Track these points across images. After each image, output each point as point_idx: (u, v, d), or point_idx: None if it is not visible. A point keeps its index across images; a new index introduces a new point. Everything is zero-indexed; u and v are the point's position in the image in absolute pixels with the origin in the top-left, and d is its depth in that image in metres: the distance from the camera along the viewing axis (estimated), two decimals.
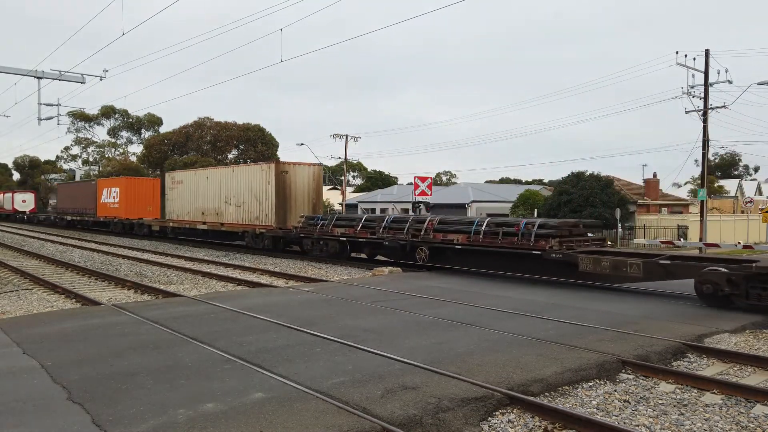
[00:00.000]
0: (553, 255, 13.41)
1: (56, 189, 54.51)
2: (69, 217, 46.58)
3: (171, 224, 30.97)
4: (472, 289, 12.61)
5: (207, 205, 27.70)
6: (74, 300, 12.58)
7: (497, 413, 5.29)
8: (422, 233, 16.71)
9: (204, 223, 27.76)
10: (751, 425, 5.18)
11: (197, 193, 28.64)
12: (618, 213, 30.87)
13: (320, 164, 24.99)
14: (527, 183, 73.00)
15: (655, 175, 43.15)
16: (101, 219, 39.78)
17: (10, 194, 67.06)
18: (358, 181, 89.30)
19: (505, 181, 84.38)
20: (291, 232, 22.30)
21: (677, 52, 28.04)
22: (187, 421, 4.72)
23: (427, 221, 16.91)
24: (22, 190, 74.14)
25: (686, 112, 29.26)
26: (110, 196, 38.43)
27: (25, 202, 64.66)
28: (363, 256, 20.77)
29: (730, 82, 28.74)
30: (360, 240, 19.06)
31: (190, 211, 29.38)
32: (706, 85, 28.79)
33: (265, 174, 23.82)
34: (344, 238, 19.50)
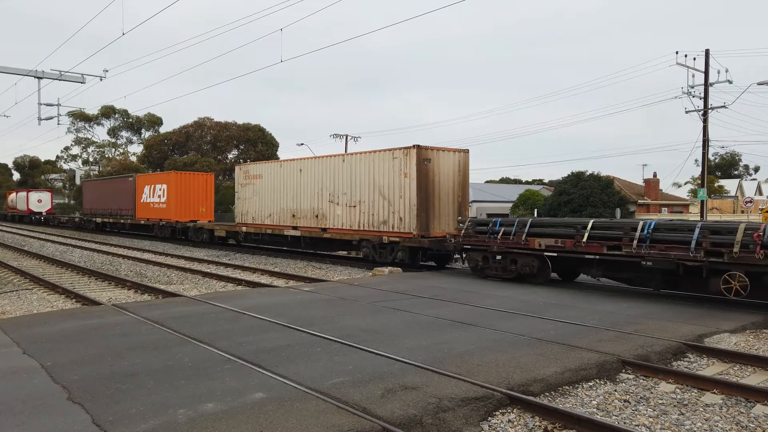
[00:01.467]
0: None
1: (81, 187, 49.01)
2: (98, 219, 40.70)
3: (244, 229, 24.62)
4: (472, 289, 12.60)
5: (300, 206, 21.79)
6: (74, 300, 12.59)
7: (497, 413, 5.29)
8: (736, 249, 10.15)
9: (295, 228, 21.82)
10: (752, 425, 5.18)
11: (284, 190, 22.61)
12: (618, 213, 30.88)
13: (467, 150, 18.48)
14: (527, 183, 73.01)
15: (655, 175, 43.21)
16: (141, 222, 34.17)
17: (24, 193, 60.58)
18: None
19: (505, 181, 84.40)
20: (442, 242, 16.21)
21: (677, 52, 28.11)
22: (188, 421, 4.72)
23: (745, 229, 10.27)
24: (37, 188, 68.08)
25: (686, 112, 29.32)
26: (154, 194, 32.65)
27: (41, 202, 58.35)
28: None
29: (730, 82, 28.77)
30: (585, 256, 12.46)
31: (273, 212, 23.23)
32: (706, 85, 28.81)
33: (400, 163, 17.53)
34: (551, 253, 13.22)
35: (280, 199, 22.95)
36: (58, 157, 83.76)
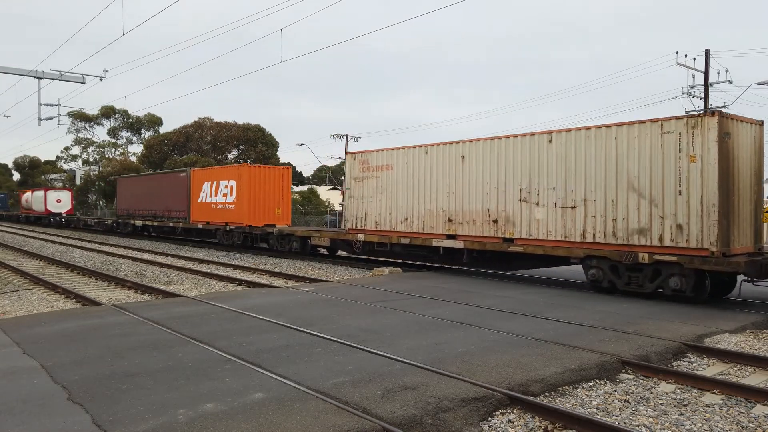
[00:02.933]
0: None
1: (116, 184, 41.84)
2: (138, 222, 34.68)
3: (361, 237, 18.47)
4: (472, 289, 12.61)
5: (461, 206, 15.58)
6: (74, 300, 12.59)
7: (497, 413, 5.29)
8: None
9: (452, 237, 15.75)
10: (752, 425, 5.18)
11: (432, 185, 16.45)
12: None
13: (761, 122, 12.53)
14: None
15: None
16: (199, 226, 28.38)
17: (41, 193, 54.18)
18: None
19: None
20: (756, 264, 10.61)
21: (677, 53, 28.09)
22: (188, 421, 4.72)
23: None
24: (56, 187, 62.47)
25: (686, 112, 29.28)
26: (217, 192, 27.07)
27: (60, 202, 52.27)
28: (362, 255, 19.43)
29: (730, 82, 28.81)
30: None
31: (411, 215, 17.06)
32: (706, 85, 28.82)
33: (676, 140, 11.50)
34: None
35: (424, 198, 16.70)
36: (58, 157, 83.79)
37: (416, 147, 17.15)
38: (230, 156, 56.61)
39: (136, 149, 70.39)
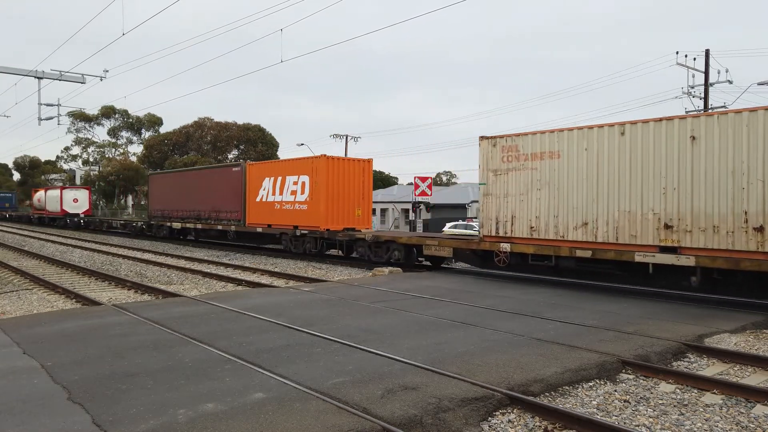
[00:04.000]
0: None
1: (148, 181, 37.37)
2: (176, 225, 30.31)
3: (506, 248, 14.59)
4: (472, 289, 12.61)
5: (686, 207, 11.51)
6: (74, 300, 12.59)
7: (497, 413, 5.29)
8: None
9: (670, 250, 11.68)
10: (752, 425, 5.18)
11: (635, 175, 12.28)
12: None
13: None
14: None
15: None
16: (258, 229, 23.99)
17: (56, 191, 49.49)
18: None
19: None
20: None
21: (677, 53, 28.08)
22: (188, 421, 4.72)
23: None
24: (73, 185, 57.62)
25: (687, 113, 29.27)
26: (282, 190, 22.86)
27: (77, 201, 47.95)
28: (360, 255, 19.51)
29: (730, 82, 28.82)
30: None
31: (591, 219, 13.02)
32: (707, 85, 28.83)
33: None
34: None
35: (617, 195, 12.55)
36: (58, 157, 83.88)
37: (603, 126, 12.87)
38: (230, 156, 56.63)
39: (136, 149, 70.49)
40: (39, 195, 54.51)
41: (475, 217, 37.55)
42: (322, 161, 21.08)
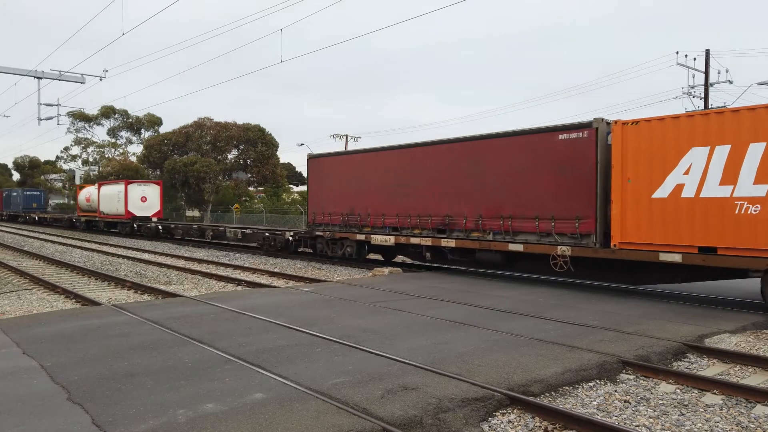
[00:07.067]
0: None
1: (309, 167, 21.07)
2: (376, 237, 17.55)
3: None
4: (472, 290, 12.60)
5: None
6: (74, 300, 12.58)
7: (497, 414, 5.28)
8: None
9: None
10: (752, 426, 5.18)
11: None
12: None
13: None
14: None
15: None
16: (659, 257, 11.10)
17: (117, 187, 36.90)
18: None
19: None
20: None
21: (677, 53, 28.08)
22: (187, 421, 4.71)
23: None
24: (140, 179, 42.07)
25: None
26: (738, 170, 10.19)
27: (145, 200, 35.88)
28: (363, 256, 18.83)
29: (730, 82, 28.85)
30: None
31: None
32: (707, 85, 28.84)
33: None
34: None
35: None
36: (57, 157, 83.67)
37: None
38: (230, 156, 56.59)
39: (136, 149, 70.32)
40: (88, 192, 41.83)
41: None
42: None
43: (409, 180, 16.83)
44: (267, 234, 23.61)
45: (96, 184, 41.52)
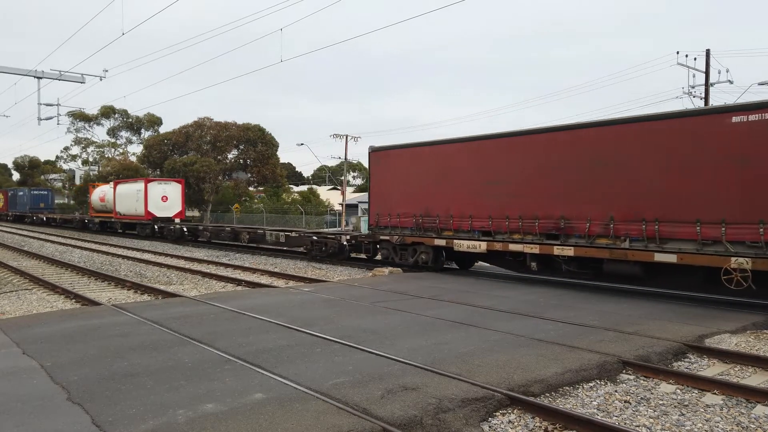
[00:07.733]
0: None
1: (372, 158, 18.04)
2: (468, 244, 14.67)
3: None
4: (473, 290, 12.59)
5: None
6: (74, 300, 12.57)
7: (498, 414, 5.28)
8: None
9: None
10: (752, 426, 5.17)
11: None
12: None
13: None
14: None
15: None
16: None
17: (136, 186, 33.68)
18: (359, 181, 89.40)
19: None
20: None
21: (678, 52, 28.07)
22: (187, 421, 4.71)
23: None
24: (159, 177, 40.96)
25: None
26: None
27: (166, 200, 32.50)
28: (362, 256, 19.00)
29: (730, 82, 28.82)
30: None
31: None
32: (707, 85, 28.82)
33: None
34: None
35: None
36: (57, 157, 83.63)
37: None
38: (230, 156, 56.59)
39: (136, 149, 70.29)
40: (102, 191, 38.29)
41: None
42: None
43: (507, 175, 14.04)
44: (315, 238, 21.40)
45: (111, 183, 38.31)
